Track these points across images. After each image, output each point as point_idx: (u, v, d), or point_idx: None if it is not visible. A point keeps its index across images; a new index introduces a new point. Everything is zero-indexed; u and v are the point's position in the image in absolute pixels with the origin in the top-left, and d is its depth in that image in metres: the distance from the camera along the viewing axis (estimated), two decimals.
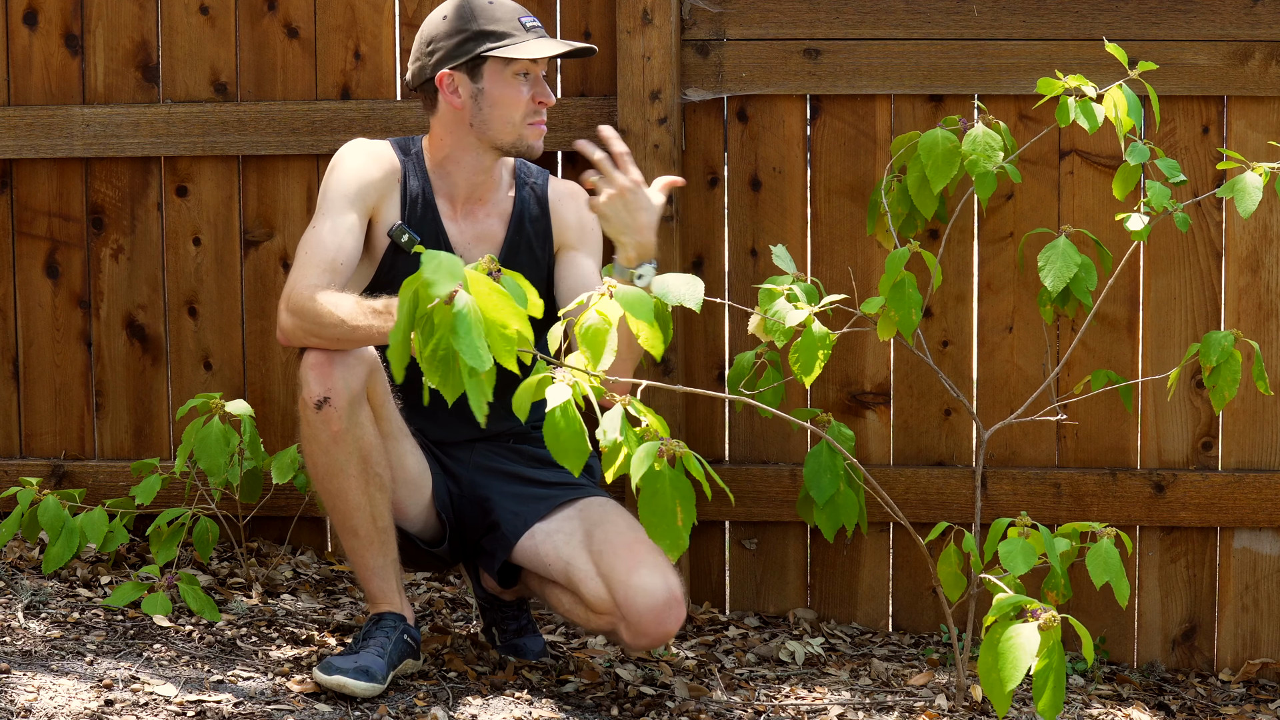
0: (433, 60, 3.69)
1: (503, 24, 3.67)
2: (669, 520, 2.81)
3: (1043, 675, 2.96)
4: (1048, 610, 2.98)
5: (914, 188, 3.89)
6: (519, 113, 3.68)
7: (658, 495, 2.79)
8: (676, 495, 2.80)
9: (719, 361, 4.32)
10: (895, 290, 3.69)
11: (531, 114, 3.68)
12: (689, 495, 2.82)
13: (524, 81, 3.68)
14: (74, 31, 4.38)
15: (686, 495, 2.81)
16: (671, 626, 3.59)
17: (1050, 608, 2.99)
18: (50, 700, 3.34)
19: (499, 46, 3.65)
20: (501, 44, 3.65)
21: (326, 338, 3.51)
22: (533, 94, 3.68)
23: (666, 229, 4.21)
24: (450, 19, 3.69)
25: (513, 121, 3.68)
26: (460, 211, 3.77)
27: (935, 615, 4.33)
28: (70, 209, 4.43)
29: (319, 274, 3.57)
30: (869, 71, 4.22)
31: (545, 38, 3.68)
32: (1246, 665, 4.26)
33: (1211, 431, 4.25)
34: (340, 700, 3.47)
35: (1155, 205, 3.82)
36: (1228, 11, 4.13)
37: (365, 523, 3.60)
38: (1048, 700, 2.98)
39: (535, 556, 3.70)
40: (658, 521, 2.81)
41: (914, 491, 4.26)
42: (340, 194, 3.67)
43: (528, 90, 3.68)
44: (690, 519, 2.81)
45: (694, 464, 2.83)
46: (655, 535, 2.83)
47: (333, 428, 3.53)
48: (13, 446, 4.48)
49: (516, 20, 3.68)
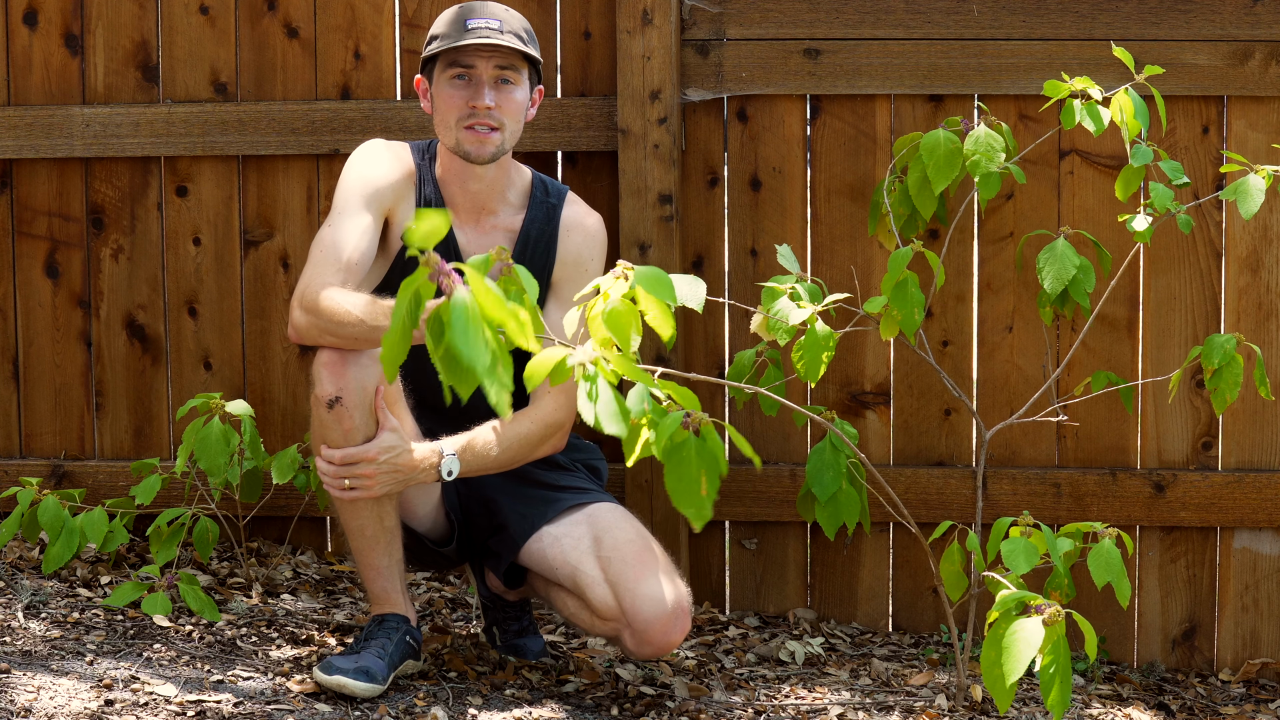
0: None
1: (447, 27, 3.66)
2: (694, 490, 2.81)
3: (1050, 671, 2.96)
4: (1051, 606, 2.98)
5: (915, 188, 3.89)
6: (453, 115, 3.65)
7: (683, 464, 2.79)
8: (702, 465, 2.80)
9: (719, 361, 4.32)
10: (898, 290, 3.69)
11: (465, 117, 3.64)
12: (714, 465, 2.81)
13: (460, 85, 3.65)
14: (74, 31, 4.38)
15: (711, 465, 2.81)
16: (676, 637, 3.59)
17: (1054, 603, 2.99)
18: (50, 700, 3.34)
19: (431, 48, 3.67)
20: (433, 45, 3.67)
21: (341, 336, 3.51)
22: (467, 97, 3.64)
23: (667, 229, 4.21)
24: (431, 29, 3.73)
25: (448, 124, 3.66)
26: (468, 220, 3.75)
27: (935, 615, 4.33)
28: (70, 209, 4.42)
29: (333, 273, 3.57)
30: (869, 71, 4.22)
31: (487, 38, 3.62)
32: (1246, 665, 4.26)
33: (1211, 431, 4.25)
34: (340, 700, 3.46)
35: (1158, 207, 3.82)
36: (1228, 11, 4.13)
37: (372, 522, 3.60)
38: (1056, 696, 2.98)
39: (542, 559, 3.69)
40: (684, 490, 2.80)
41: (914, 491, 4.26)
42: (356, 193, 3.66)
43: (462, 93, 3.64)
44: (715, 489, 2.81)
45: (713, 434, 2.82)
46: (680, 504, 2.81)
47: (344, 426, 3.53)
48: (13, 446, 4.48)
49: (461, 22, 3.65)
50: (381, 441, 3.50)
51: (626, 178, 4.21)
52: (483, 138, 3.65)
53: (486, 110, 3.63)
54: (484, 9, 3.68)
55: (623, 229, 4.21)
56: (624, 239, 4.21)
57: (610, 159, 4.27)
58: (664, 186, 4.21)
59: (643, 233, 4.21)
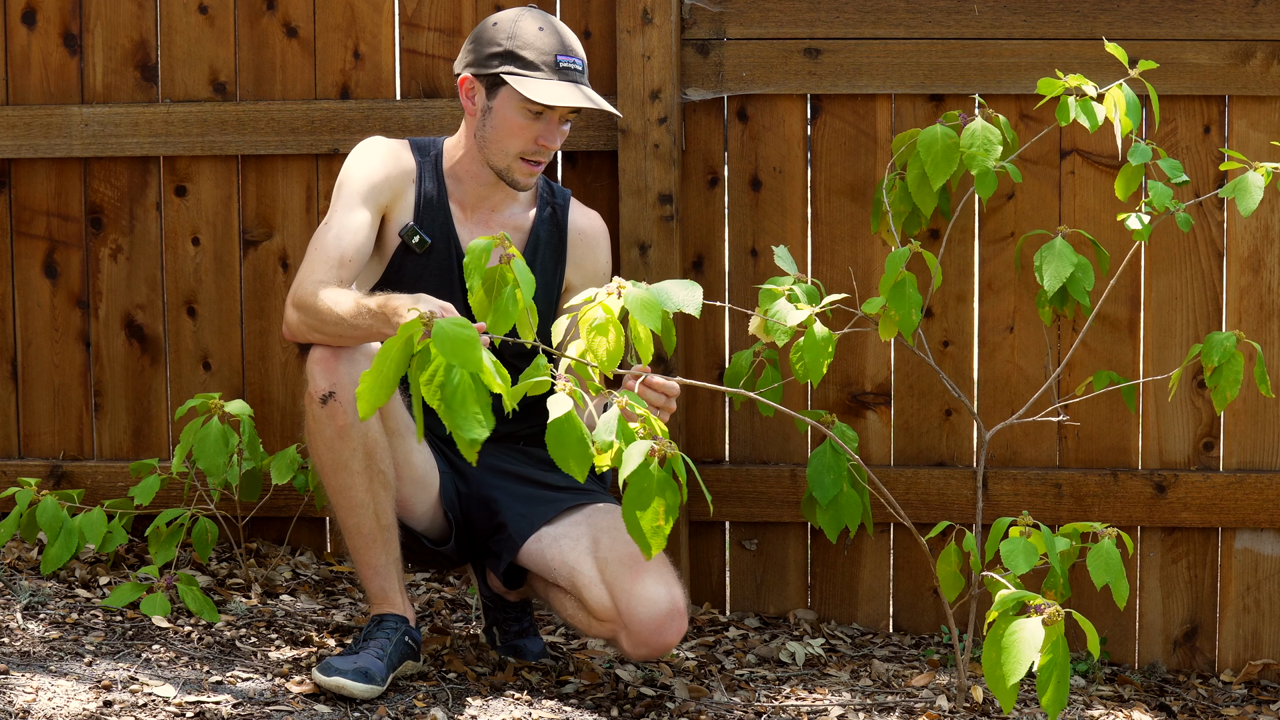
0: (464, 60, 3.70)
1: (536, 54, 3.62)
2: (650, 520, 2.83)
3: (1047, 670, 2.96)
4: (1051, 605, 2.97)
5: (914, 185, 3.88)
6: (516, 145, 3.66)
7: (643, 493, 2.82)
8: (662, 496, 2.82)
9: (719, 361, 4.31)
10: (896, 290, 3.68)
11: (530, 151, 3.66)
12: (674, 500, 2.83)
13: (534, 118, 3.64)
14: (72, 31, 4.38)
15: (671, 500, 2.83)
16: (671, 638, 3.59)
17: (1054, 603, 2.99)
18: (49, 701, 3.33)
19: (516, 75, 3.62)
20: (521, 74, 3.62)
21: (327, 334, 3.51)
22: (538, 134, 3.65)
23: (667, 229, 4.20)
24: (498, 27, 3.66)
25: (507, 151, 3.67)
26: (473, 218, 3.76)
27: (936, 616, 4.32)
28: (69, 209, 4.42)
29: (326, 270, 3.57)
30: (869, 71, 4.21)
31: (575, 84, 3.62)
32: (1248, 666, 4.25)
33: (1213, 432, 4.24)
34: (339, 701, 3.46)
35: (1157, 205, 3.82)
36: (1229, 11, 4.12)
37: (369, 520, 3.60)
38: (1051, 695, 2.97)
39: (540, 559, 3.69)
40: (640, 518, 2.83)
41: (914, 492, 4.25)
42: (353, 190, 3.67)
43: (534, 127, 3.65)
44: (672, 519, 2.84)
45: (680, 465, 2.84)
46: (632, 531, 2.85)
47: (338, 422, 3.53)
48: (11, 447, 4.47)
49: (553, 57, 3.62)
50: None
51: (626, 177, 4.21)
52: (535, 170, 3.68)
53: (550, 150, 3.65)
54: (571, 41, 3.67)
55: (623, 229, 4.20)
56: (624, 239, 4.20)
57: (610, 159, 4.26)
58: (664, 186, 4.20)
59: (643, 233, 4.20)
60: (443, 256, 3.72)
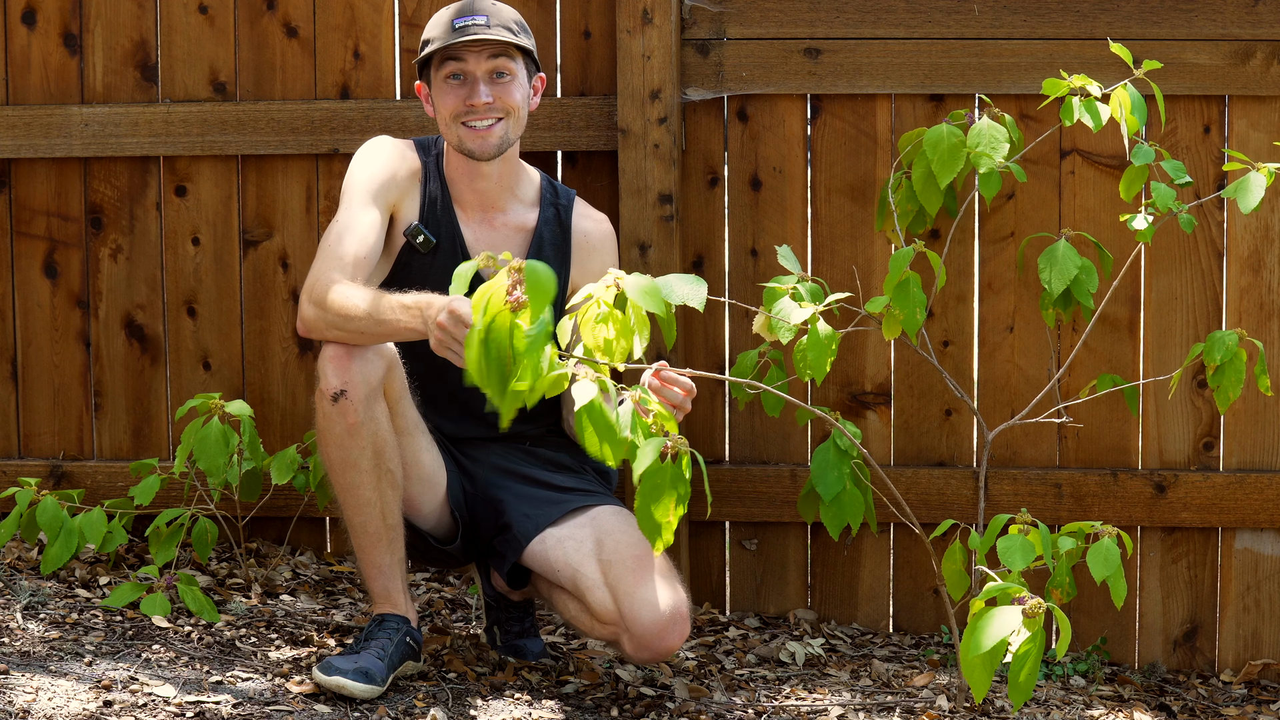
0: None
1: (438, 29, 3.71)
2: (663, 514, 2.86)
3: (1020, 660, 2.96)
4: (1033, 598, 2.98)
5: (919, 183, 3.88)
6: (449, 112, 3.70)
7: (655, 489, 2.84)
8: (673, 491, 2.84)
9: (719, 361, 4.31)
10: (900, 290, 3.68)
11: (462, 113, 3.69)
12: (685, 493, 2.85)
13: (455, 84, 3.69)
14: (72, 31, 4.37)
15: (683, 492, 2.85)
16: (674, 642, 3.59)
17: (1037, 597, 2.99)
18: (49, 701, 3.33)
19: (423, 53, 3.71)
20: (426, 49, 3.70)
21: (348, 330, 3.52)
22: (465, 95, 3.68)
23: (667, 229, 4.20)
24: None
25: (449, 124, 3.71)
26: (476, 217, 3.77)
27: (936, 616, 4.32)
28: (69, 209, 4.42)
29: (341, 267, 3.59)
30: (870, 71, 4.22)
31: (476, 34, 3.66)
32: (1248, 666, 4.25)
33: (1213, 432, 4.24)
34: (339, 701, 3.46)
35: (1160, 206, 3.82)
36: (1229, 11, 4.13)
37: (375, 519, 3.60)
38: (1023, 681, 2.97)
39: (544, 561, 3.69)
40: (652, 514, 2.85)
41: (914, 492, 4.25)
42: (363, 189, 3.69)
43: (460, 91, 3.68)
44: (681, 514, 2.86)
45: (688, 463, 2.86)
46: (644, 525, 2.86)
47: (348, 420, 3.53)
48: (11, 447, 4.47)
49: (450, 23, 3.69)
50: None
51: (626, 177, 4.21)
52: (483, 134, 3.69)
53: (485, 106, 3.66)
54: (471, 6, 3.72)
55: (623, 229, 4.20)
56: (624, 239, 4.20)
57: (610, 159, 4.26)
58: (664, 186, 4.20)
59: (643, 233, 4.20)
60: (448, 256, 3.73)
